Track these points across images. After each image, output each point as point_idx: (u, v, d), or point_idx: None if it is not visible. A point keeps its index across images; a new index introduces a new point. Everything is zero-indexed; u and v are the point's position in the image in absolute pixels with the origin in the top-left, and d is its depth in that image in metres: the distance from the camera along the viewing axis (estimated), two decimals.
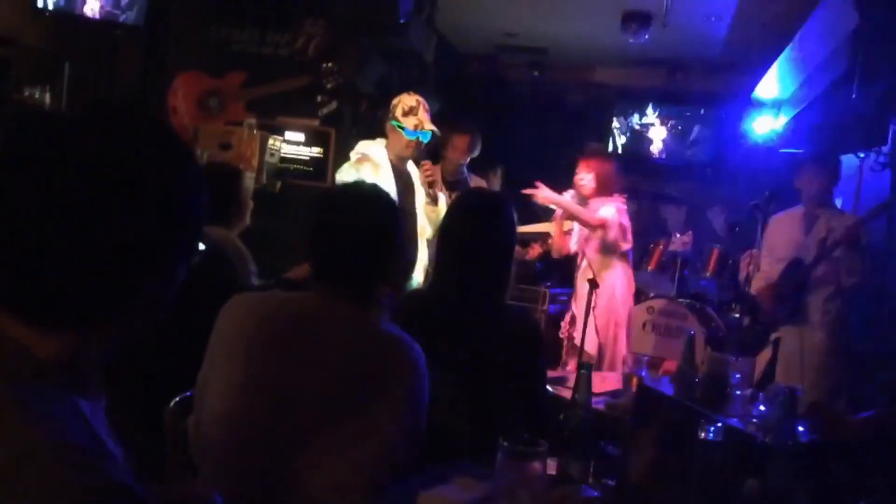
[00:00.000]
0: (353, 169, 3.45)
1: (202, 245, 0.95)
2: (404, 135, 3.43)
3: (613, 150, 7.53)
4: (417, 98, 3.47)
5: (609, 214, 4.11)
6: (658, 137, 7.45)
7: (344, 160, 3.67)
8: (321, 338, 1.60)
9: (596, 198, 4.20)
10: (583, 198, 4.24)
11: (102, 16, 4.04)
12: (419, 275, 3.57)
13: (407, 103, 3.44)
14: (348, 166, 3.51)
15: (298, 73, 4.75)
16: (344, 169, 3.53)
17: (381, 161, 3.46)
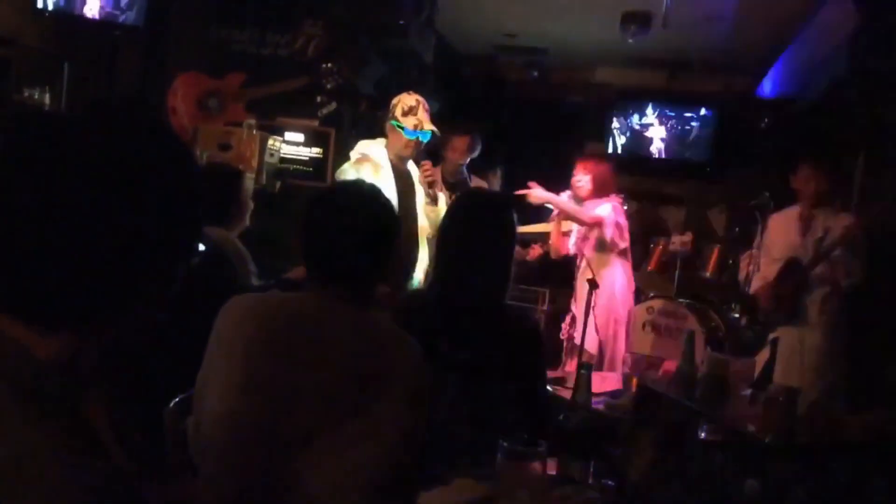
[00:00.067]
0: (353, 169, 3.45)
1: (202, 245, 0.95)
2: (404, 135, 3.42)
3: (613, 150, 7.52)
4: (417, 98, 3.46)
5: (605, 212, 4.12)
6: (658, 137, 7.45)
7: (343, 160, 3.66)
8: (321, 338, 1.59)
9: (592, 199, 4.21)
10: (580, 199, 4.25)
11: (102, 16, 4.03)
12: (419, 275, 3.57)
13: (406, 103, 3.43)
14: (348, 166, 3.51)
15: (298, 74, 4.75)
16: (344, 169, 3.53)
17: (381, 161, 3.45)
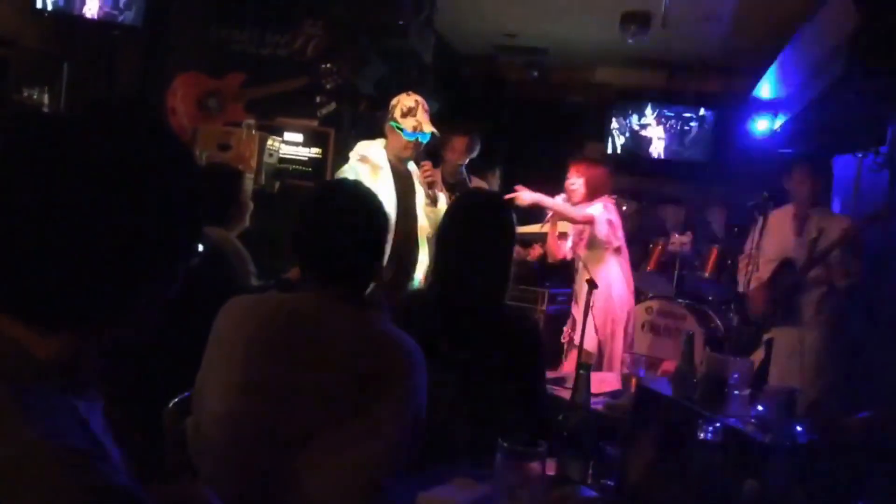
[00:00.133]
0: (352, 170, 3.44)
1: (201, 246, 0.95)
2: (403, 136, 3.42)
3: (613, 151, 7.53)
4: (416, 98, 3.44)
5: (596, 211, 4.13)
6: (657, 138, 7.45)
7: (343, 161, 3.66)
8: (320, 338, 1.59)
9: (586, 202, 4.22)
10: (574, 203, 4.26)
11: (101, 16, 4.03)
12: (419, 275, 3.57)
13: (406, 104, 3.42)
14: (347, 167, 3.50)
15: (297, 74, 4.75)
16: (343, 170, 3.53)
17: (381, 162, 3.45)
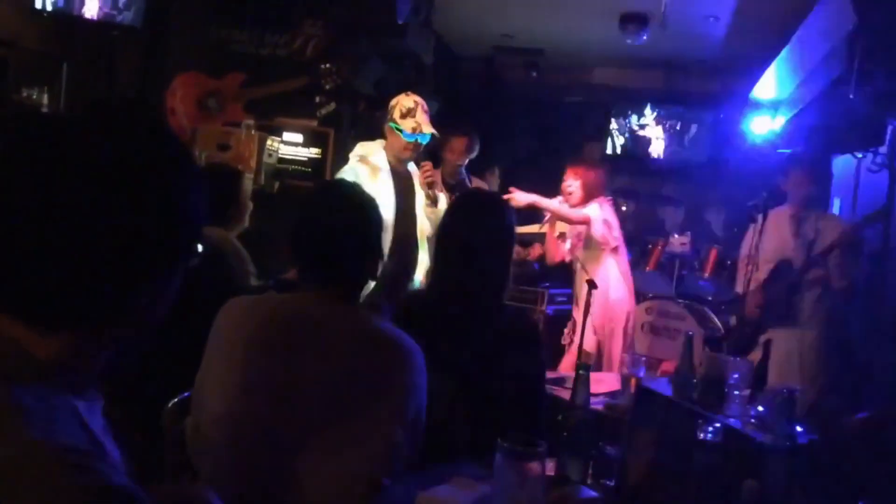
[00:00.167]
0: (351, 171, 3.43)
1: (200, 246, 0.95)
2: (402, 137, 3.40)
3: (612, 151, 7.53)
4: (415, 99, 3.43)
5: (592, 212, 4.15)
6: (656, 138, 7.45)
7: (342, 161, 3.66)
8: (320, 338, 1.60)
9: (583, 205, 4.24)
10: (572, 206, 4.28)
11: (100, 17, 4.03)
12: (420, 276, 3.56)
13: (405, 105, 3.41)
14: (347, 168, 3.50)
15: (297, 74, 4.75)
16: (342, 171, 3.53)
17: (380, 163, 3.44)
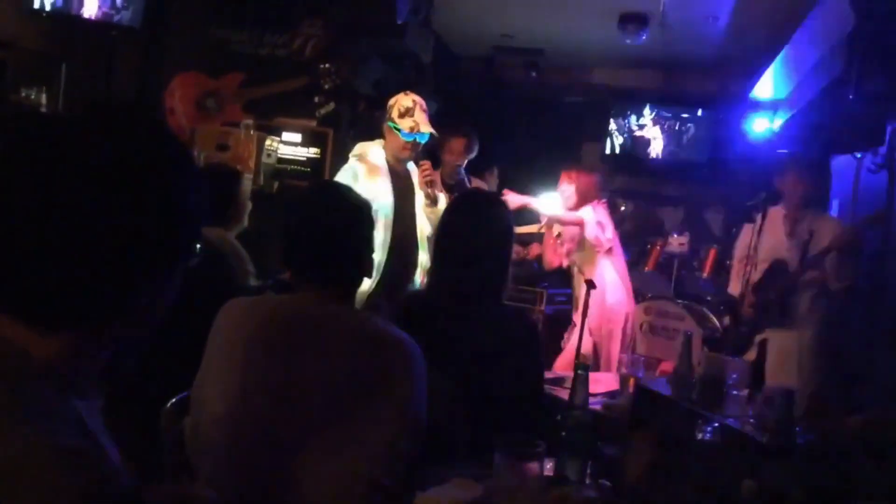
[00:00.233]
0: (350, 170, 3.43)
1: (199, 246, 0.95)
2: (400, 136, 3.39)
3: (611, 151, 7.53)
4: (414, 98, 3.41)
5: (586, 214, 4.18)
6: (655, 138, 7.45)
7: (341, 161, 3.65)
8: (320, 338, 1.60)
9: (578, 209, 4.27)
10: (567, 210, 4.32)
11: (99, 17, 4.02)
12: (419, 276, 3.56)
13: (403, 104, 3.39)
14: (346, 168, 3.49)
15: (296, 74, 4.75)
16: (342, 170, 3.52)
17: (379, 162, 3.43)
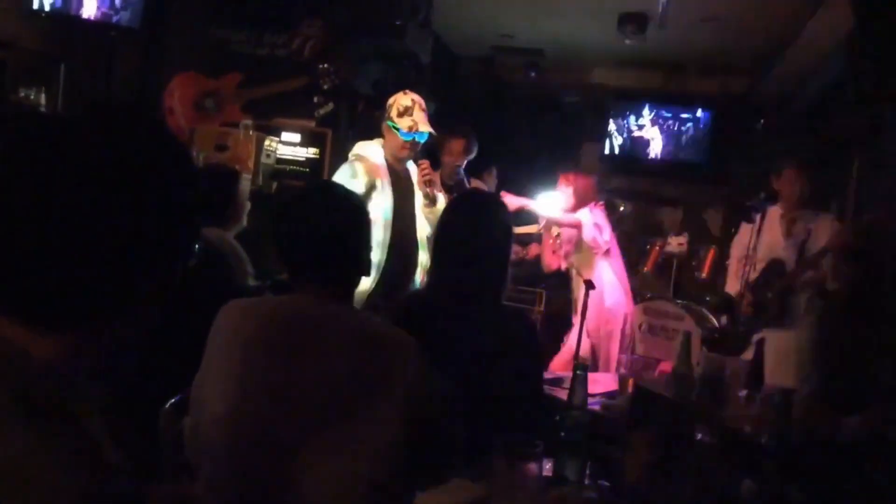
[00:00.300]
0: (348, 169, 3.42)
1: (197, 246, 0.95)
2: (399, 136, 3.39)
3: (610, 152, 7.54)
4: (413, 98, 3.40)
5: (583, 216, 4.19)
6: (654, 138, 7.46)
7: (340, 161, 3.64)
8: (320, 338, 1.60)
9: (574, 211, 4.28)
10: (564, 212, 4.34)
11: (98, 17, 4.02)
12: (419, 276, 3.55)
13: (402, 103, 3.38)
14: (344, 167, 3.48)
15: (295, 74, 4.75)
16: (341, 169, 3.51)
17: (378, 162, 3.43)
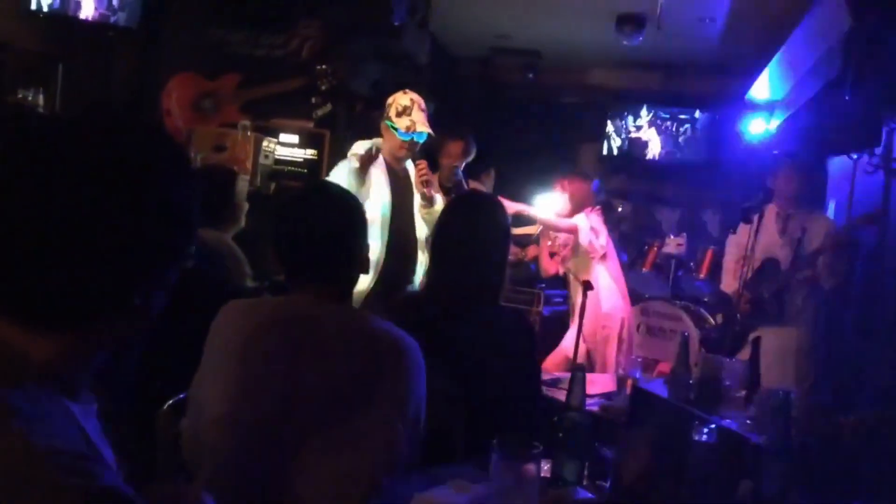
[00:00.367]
0: (346, 168, 3.40)
1: (194, 247, 0.94)
2: (397, 136, 3.38)
3: (608, 152, 7.54)
4: (412, 97, 3.39)
5: (580, 221, 4.20)
6: (652, 139, 7.47)
7: (338, 162, 3.64)
8: (320, 338, 1.60)
9: (570, 216, 4.29)
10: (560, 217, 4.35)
11: (96, 18, 4.02)
12: (419, 277, 3.55)
13: (401, 103, 3.37)
14: (342, 164, 3.46)
15: (293, 75, 4.75)
16: (339, 167, 3.49)
17: (376, 161, 3.43)
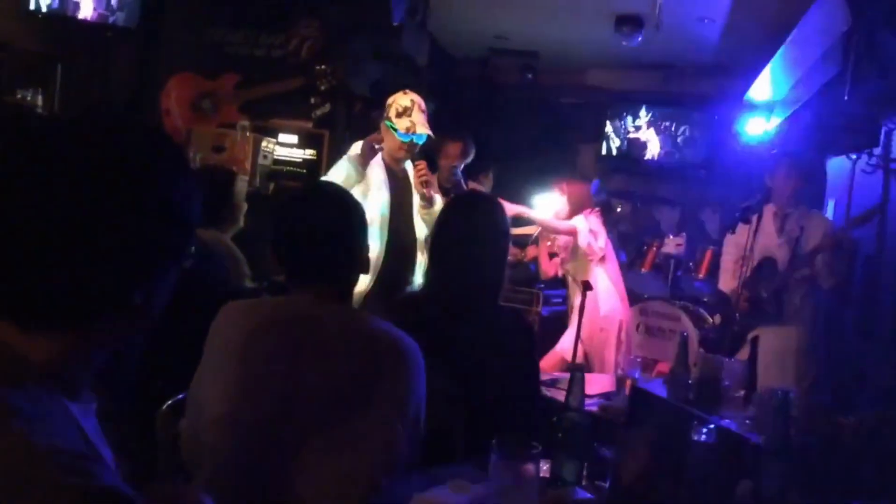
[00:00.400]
0: (345, 167, 3.39)
1: (193, 247, 0.94)
2: (396, 136, 3.38)
3: (608, 153, 7.55)
4: (412, 98, 3.38)
5: (578, 223, 4.20)
6: (651, 140, 7.47)
7: (337, 162, 3.63)
8: (320, 339, 1.60)
9: (569, 218, 4.30)
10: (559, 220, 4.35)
11: (95, 18, 4.02)
12: (418, 277, 3.54)
13: (401, 104, 3.37)
14: (340, 164, 3.44)
15: (292, 75, 4.75)
16: (337, 166, 3.47)
17: (375, 161, 3.42)
